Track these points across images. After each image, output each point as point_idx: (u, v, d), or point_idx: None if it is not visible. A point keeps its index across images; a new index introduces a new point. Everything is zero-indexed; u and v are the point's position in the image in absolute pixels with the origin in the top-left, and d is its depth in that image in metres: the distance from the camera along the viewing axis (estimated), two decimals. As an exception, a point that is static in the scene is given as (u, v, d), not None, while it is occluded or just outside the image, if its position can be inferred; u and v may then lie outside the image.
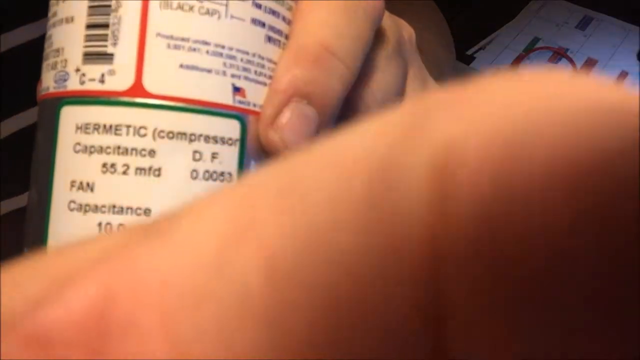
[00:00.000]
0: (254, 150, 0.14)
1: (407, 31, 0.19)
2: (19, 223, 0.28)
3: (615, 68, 0.64)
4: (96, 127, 0.13)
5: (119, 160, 0.13)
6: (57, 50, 0.14)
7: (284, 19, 0.15)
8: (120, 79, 0.13)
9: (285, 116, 0.14)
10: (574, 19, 0.69)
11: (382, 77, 0.17)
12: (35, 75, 0.25)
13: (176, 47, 0.13)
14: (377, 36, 0.17)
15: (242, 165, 0.14)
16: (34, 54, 0.25)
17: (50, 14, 0.14)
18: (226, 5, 0.13)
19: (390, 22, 0.18)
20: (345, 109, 0.16)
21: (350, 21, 0.15)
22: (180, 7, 0.13)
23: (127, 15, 0.13)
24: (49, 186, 0.13)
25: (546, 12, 0.70)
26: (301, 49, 0.14)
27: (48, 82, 0.14)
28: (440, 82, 0.23)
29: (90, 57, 0.13)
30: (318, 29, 0.14)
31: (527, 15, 0.69)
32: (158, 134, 0.13)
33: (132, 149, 0.13)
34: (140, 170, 0.13)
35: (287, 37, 0.15)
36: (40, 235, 0.14)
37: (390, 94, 0.17)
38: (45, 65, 0.14)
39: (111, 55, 0.13)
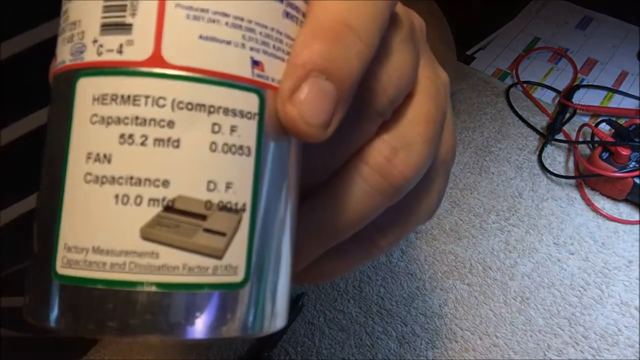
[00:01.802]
0: (272, 126, 0.14)
1: (418, 20, 0.19)
2: (19, 232, 0.27)
3: (615, 68, 0.64)
4: (114, 97, 0.13)
5: (137, 131, 0.13)
6: (74, 23, 0.14)
7: None
8: (138, 50, 0.13)
9: (304, 91, 0.14)
10: (574, 19, 0.69)
11: (397, 59, 0.17)
12: (33, 82, 0.25)
13: (195, 17, 0.13)
14: (392, 20, 0.17)
15: (261, 139, 0.14)
16: (31, 61, 0.24)
17: None
18: None
19: (402, 9, 0.18)
20: (361, 90, 0.16)
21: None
22: None
23: None
24: (64, 159, 0.13)
25: (546, 12, 0.70)
26: (320, 24, 0.14)
27: (64, 56, 0.14)
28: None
29: (109, 27, 0.13)
30: (337, 5, 0.14)
31: (527, 15, 0.70)
32: (177, 104, 0.13)
33: (151, 120, 0.13)
34: (158, 141, 0.13)
35: (304, 14, 0.15)
36: (54, 209, 0.13)
37: (405, 77, 0.17)
38: (60, 39, 0.14)
39: (130, 25, 0.13)
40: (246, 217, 0.13)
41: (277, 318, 0.15)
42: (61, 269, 0.13)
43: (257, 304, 0.14)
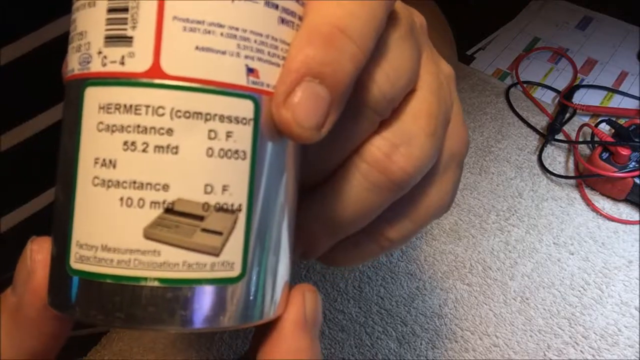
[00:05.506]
0: (268, 129, 0.15)
1: (419, 17, 0.19)
2: (23, 236, 0.28)
3: (615, 68, 0.64)
4: (117, 107, 0.14)
5: (139, 138, 0.13)
6: (81, 34, 0.14)
7: (297, 0, 0.15)
8: (139, 61, 0.13)
9: (298, 95, 0.14)
10: (574, 19, 0.69)
11: (395, 57, 0.17)
12: (32, 87, 0.25)
13: (192, 29, 0.14)
14: (390, 18, 0.17)
15: (256, 143, 0.14)
16: (30, 66, 0.25)
17: None
18: None
19: (402, 7, 0.18)
20: (358, 89, 0.16)
21: (363, 2, 0.15)
22: None
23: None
24: (75, 163, 0.14)
25: (546, 12, 0.70)
26: (314, 29, 0.15)
27: (73, 64, 0.15)
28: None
29: (111, 40, 0.14)
30: (331, 9, 0.15)
31: (527, 15, 0.70)
32: (175, 113, 0.13)
33: (151, 128, 0.13)
34: (158, 147, 0.13)
35: (300, 18, 0.15)
36: (68, 209, 0.14)
37: (403, 75, 0.17)
38: (70, 48, 0.15)
39: (130, 38, 0.14)
40: (242, 216, 0.14)
41: (277, 306, 0.16)
42: (74, 264, 0.14)
43: (255, 295, 0.15)
